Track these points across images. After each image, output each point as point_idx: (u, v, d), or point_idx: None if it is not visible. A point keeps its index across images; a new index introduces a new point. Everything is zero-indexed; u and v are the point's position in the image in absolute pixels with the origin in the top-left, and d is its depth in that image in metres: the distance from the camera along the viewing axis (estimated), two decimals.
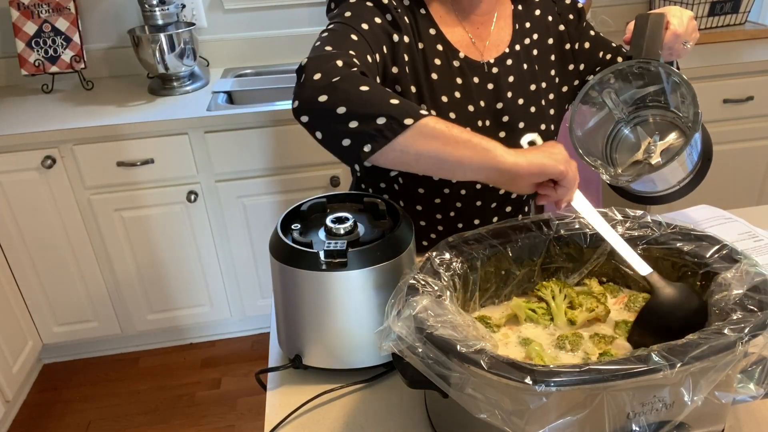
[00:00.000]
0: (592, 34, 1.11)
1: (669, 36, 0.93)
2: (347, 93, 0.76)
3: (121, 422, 2.00)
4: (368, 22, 0.92)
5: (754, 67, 2.12)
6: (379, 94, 0.77)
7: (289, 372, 0.86)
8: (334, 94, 0.76)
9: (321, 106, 0.77)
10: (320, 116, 0.78)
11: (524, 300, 0.81)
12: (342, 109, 0.76)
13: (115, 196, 1.95)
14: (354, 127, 0.76)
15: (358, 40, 0.89)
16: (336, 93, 0.76)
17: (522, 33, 1.06)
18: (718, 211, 1.14)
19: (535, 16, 1.07)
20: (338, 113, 0.76)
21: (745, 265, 0.69)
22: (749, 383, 0.60)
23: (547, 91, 1.08)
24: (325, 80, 0.77)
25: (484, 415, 0.56)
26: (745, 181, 2.34)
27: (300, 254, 0.78)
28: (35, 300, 2.07)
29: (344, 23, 0.91)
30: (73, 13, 2.15)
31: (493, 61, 1.03)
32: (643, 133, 0.95)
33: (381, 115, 0.75)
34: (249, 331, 2.36)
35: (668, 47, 0.94)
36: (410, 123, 0.74)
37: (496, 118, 1.04)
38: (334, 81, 0.77)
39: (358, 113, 0.75)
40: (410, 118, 0.75)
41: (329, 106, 0.76)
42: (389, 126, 0.75)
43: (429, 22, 1.00)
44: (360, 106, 0.76)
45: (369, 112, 0.75)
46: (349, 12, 0.93)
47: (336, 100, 0.76)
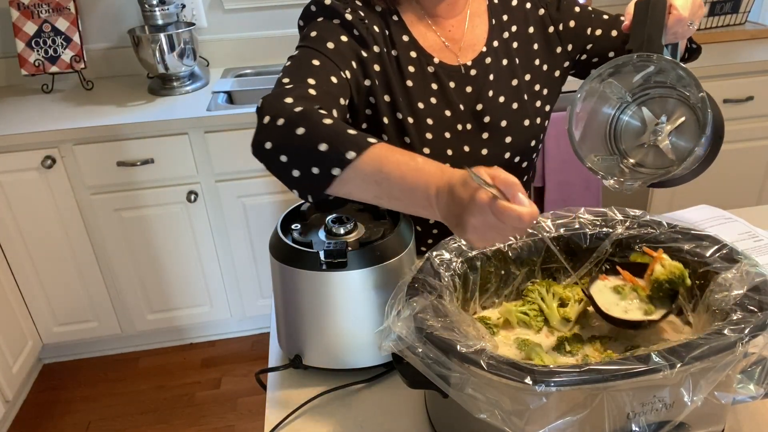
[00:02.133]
0: (577, 11, 1.07)
1: (672, 21, 0.86)
2: (287, 139, 0.77)
3: (121, 422, 2.01)
4: (334, 41, 0.92)
5: (754, 67, 2.12)
6: (313, 138, 0.75)
7: (289, 372, 0.86)
8: (276, 141, 0.77)
9: (268, 152, 0.78)
10: (270, 162, 0.79)
11: (515, 304, 0.81)
12: (284, 158, 0.77)
13: (115, 196, 1.95)
14: (297, 176, 0.76)
15: (320, 63, 0.89)
16: (278, 139, 0.77)
17: (500, 27, 1.04)
18: (718, 211, 1.14)
19: (512, 6, 1.05)
20: (282, 161, 0.77)
21: (745, 265, 0.69)
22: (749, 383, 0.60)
23: (530, 84, 1.06)
24: (271, 123, 0.78)
25: (484, 415, 0.56)
26: (745, 181, 2.34)
27: (300, 254, 0.78)
28: (35, 300, 2.07)
29: (308, 47, 0.92)
30: (73, 13, 2.15)
31: (470, 63, 1.02)
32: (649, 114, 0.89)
33: (314, 165, 0.75)
34: (249, 331, 2.36)
35: (672, 32, 0.88)
36: (337, 173, 0.73)
37: (477, 120, 1.04)
38: (277, 125, 0.77)
39: (297, 162, 0.76)
40: (337, 168, 0.73)
41: (274, 153, 0.77)
42: (323, 174, 0.74)
43: (402, 29, 0.99)
44: (297, 154, 0.76)
45: (304, 161, 0.76)
46: (315, 32, 0.93)
47: (278, 147, 0.77)
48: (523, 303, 0.81)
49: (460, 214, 0.63)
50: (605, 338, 0.75)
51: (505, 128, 1.04)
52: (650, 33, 0.84)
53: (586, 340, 0.75)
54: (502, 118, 1.04)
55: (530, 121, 1.06)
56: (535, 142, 1.08)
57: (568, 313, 0.78)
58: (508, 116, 1.04)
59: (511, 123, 1.04)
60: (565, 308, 0.78)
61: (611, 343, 0.74)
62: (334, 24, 0.94)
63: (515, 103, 1.05)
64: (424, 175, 0.69)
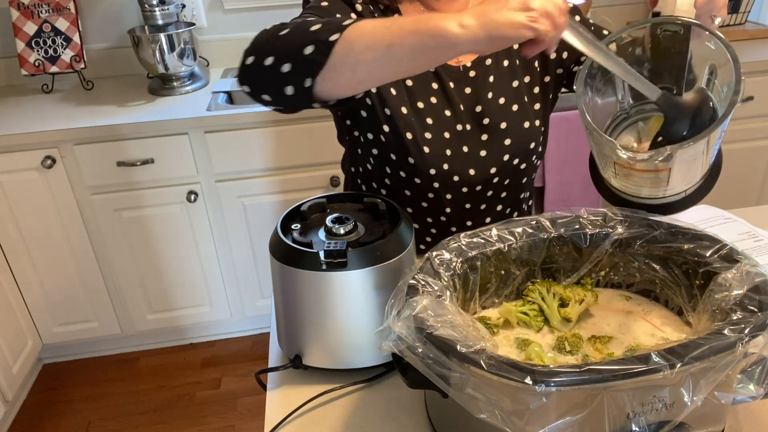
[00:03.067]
0: (577, 19, 1.05)
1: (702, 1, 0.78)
2: (271, 43, 0.75)
3: (121, 422, 2.01)
4: (342, 14, 0.93)
5: (754, 67, 2.12)
6: (302, 27, 0.73)
7: (289, 372, 0.86)
8: (259, 51, 0.75)
9: (251, 67, 0.75)
10: (256, 77, 0.76)
11: (515, 304, 0.81)
12: (269, 60, 0.74)
13: (115, 196, 1.95)
14: (287, 71, 0.73)
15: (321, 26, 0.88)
16: (260, 48, 0.75)
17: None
18: (718, 211, 1.14)
19: None
20: (267, 65, 0.74)
21: (745, 265, 0.69)
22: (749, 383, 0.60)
23: (530, 86, 1.06)
24: (252, 44, 0.76)
25: (484, 415, 0.56)
26: (745, 181, 2.34)
27: (300, 254, 0.78)
28: (35, 300, 2.07)
29: (314, 14, 0.90)
30: (73, 13, 2.15)
31: (470, 65, 1.02)
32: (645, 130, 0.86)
33: (307, 44, 0.71)
34: (249, 331, 2.37)
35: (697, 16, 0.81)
36: (336, 38, 0.69)
37: (477, 121, 1.03)
38: (256, 39, 0.76)
39: (285, 55, 0.73)
40: (335, 33, 0.70)
41: (258, 62, 0.75)
42: (318, 50, 0.70)
43: None
44: (284, 48, 0.73)
45: (295, 48, 0.72)
46: (326, 3, 0.93)
47: (261, 54, 0.75)
48: (523, 303, 0.81)
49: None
50: (605, 338, 0.75)
51: (505, 130, 1.04)
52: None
53: (586, 340, 0.75)
54: (502, 120, 1.04)
55: (530, 123, 1.06)
56: (535, 145, 1.08)
57: (568, 313, 0.78)
58: (507, 118, 1.04)
59: (511, 125, 1.04)
60: (565, 308, 0.78)
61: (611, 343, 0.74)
62: (345, 5, 0.95)
63: (515, 105, 1.05)
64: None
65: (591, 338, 0.75)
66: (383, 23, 0.70)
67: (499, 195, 1.10)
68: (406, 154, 1.01)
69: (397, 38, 0.68)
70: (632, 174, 0.79)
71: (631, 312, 0.80)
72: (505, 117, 1.04)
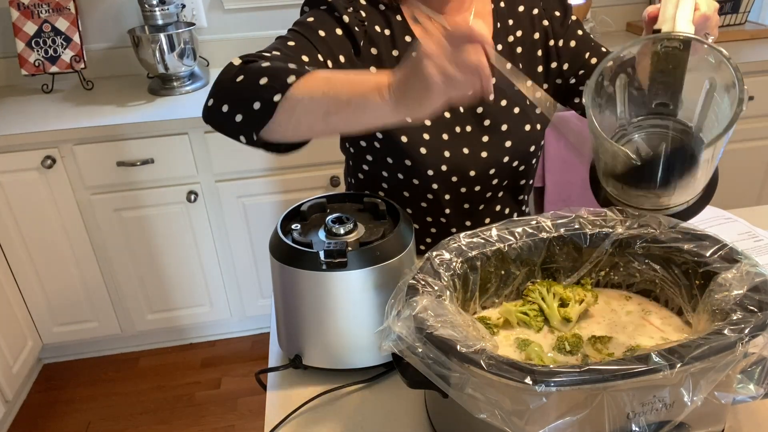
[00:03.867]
0: (580, 33, 1.08)
1: (698, 17, 0.81)
2: (226, 89, 0.79)
3: (121, 422, 2.01)
4: (326, 31, 0.93)
5: (754, 67, 2.12)
6: (252, 79, 0.76)
7: (289, 372, 0.86)
8: (217, 96, 0.79)
9: (212, 110, 0.80)
10: (216, 120, 0.80)
11: (515, 304, 0.81)
12: (225, 107, 0.78)
13: (115, 196, 1.95)
14: (239, 121, 0.77)
15: (296, 44, 0.90)
16: (218, 94, 0.79)
17: (505, 31, 1.04)
18: (718, 211, 1.14)
19: (518, 12, 1.05)
20: (224, 112, 0.78)
21: (745, 265, 0.69)
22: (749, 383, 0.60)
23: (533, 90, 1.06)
24: (215, 86, 0.80)
25: (484, 415, 0.56)
26: (745, 181, 2.34)
27: (300, 254, 0.78)
28: (35, 300, 2.07)
29: (296, 30, 0.93)
30: (73, 13, 2.15)
31: None
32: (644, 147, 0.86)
33: (254, 100, 0.75)
34: (249, 331, 2.37)
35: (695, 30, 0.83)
36: (278, 99, 0.73)
37: (478, 123, 1.03)
38: (217, 80, 0.80)
39: (237, 106, 0.77)
40: (278, 94, 0.74)
41: (216, 107, 0.79)
42: (264, 108, 0.74)
43: (404, 30, 0.99)
44: (237, 98, 0.77)
45: (244, 102, 0.76)
46: (312, 18, 0.94)
47: (219, 100, 0.79)
48: (523, 303, 0.81)
49: (416, 72, 0.63)
50: (605, 338, 0.75)
51: (506, 132, 1.04)
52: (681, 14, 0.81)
53: (586, 340, 0.75)
54: (503, 122, 1.04)
55: (531, 126, 1.06)
56: (535, 148, 1.08)
57: (568, 313, 0.78)
58: (509, 120, 1.04)
59: (512, 127, 1.04)
60: (565, 308, 0.78)
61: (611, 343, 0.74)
62: (332, 18, 0.95)
63: (517, 108, 1.05)
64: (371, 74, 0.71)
65: (591, 338, 0.75)
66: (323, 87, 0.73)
67: (497, 196, 1.10)
68: (402, 157, 1.01)
69: (333, 108, 0.72)
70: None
71: (631, 312, 0.81)
72: (507, 119, 1.04)
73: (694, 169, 0.78)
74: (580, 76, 1.07)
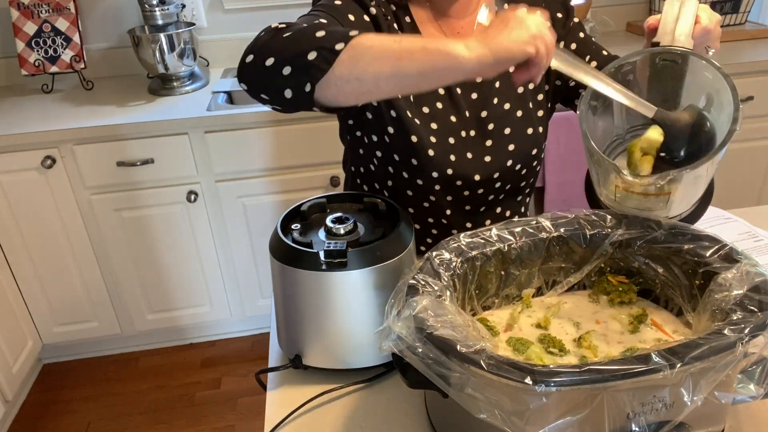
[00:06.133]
0: (581, 36, 1.08)
1: (698, 30, 0.82)
2: (272, 44, 0.75)
3: (121, 422, 2.01)
4: (356, 16, 0.92)
5: (754, 67, 2.12)
6: (305, 32, 0.73)
7: (289, 372, 0.86)
8: (260, 51, 0.75)
9: (251, 66, 0.75)
10: (255, 76, 0.76)
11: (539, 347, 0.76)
12: (270, 61, 0.74)
13: (115, 196, 1.95)
14: (288, 74, 0.73)
15: (328, 23, 0.86)
16: (262, 49, 0.75)
17: None
18: (718, 211, 1.14)
19: None
20: (267, 65, 0.74)
21: (745, 265, 0.69)
22: (749, 383, 0.60)
23: (535, 93, 1.06)
24: (253, 43, 0.77)
25: (484, 415, 0.56)
26: (745, 181, 2.34)
27: (300, 254, 0.78)
28: (35, 300, 2.07)
29: (322, 10, 0.90)
30: (73, 13, 2.15)
31: None
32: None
33: (310, 50, 0.71)
34: (249, 331, 2.37)
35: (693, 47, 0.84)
36: (341, 47, 0.70)
37: (481, 127, 1.03)
38: (258, 38, 0.76)
39: (287, 58, 0.72)
40: (341, 42, 0.70)
41: (259, 62, 0.74)
42: (322, 57, 0.70)
43: (414, 31, 0.99)
44: (286, 51, 0.73)
45: (297, 52, 0.72)
46: (340, 1, 0.93)
47: (262, 54, 0.74)
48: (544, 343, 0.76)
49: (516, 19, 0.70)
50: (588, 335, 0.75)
51: (509, 136, 1.04)
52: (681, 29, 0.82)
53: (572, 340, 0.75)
54: (506, 126, 1.04)
55: (533, 129, 1.06)
56: (537, 151, 1.08)
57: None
58: (512, 124, 1.04)
59: (515, 131, 1.04)
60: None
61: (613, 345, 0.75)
62: (359, 6, 0.94)
63: (519, 111, 1.05)
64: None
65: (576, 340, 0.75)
66: (392, 38, 0.71)
67: (499, 198, 1.10)
68: (410, 156, 1.01)
69: (407, 53, 0.69)
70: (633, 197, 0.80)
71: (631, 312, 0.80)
72: (510, 123, 1.04)
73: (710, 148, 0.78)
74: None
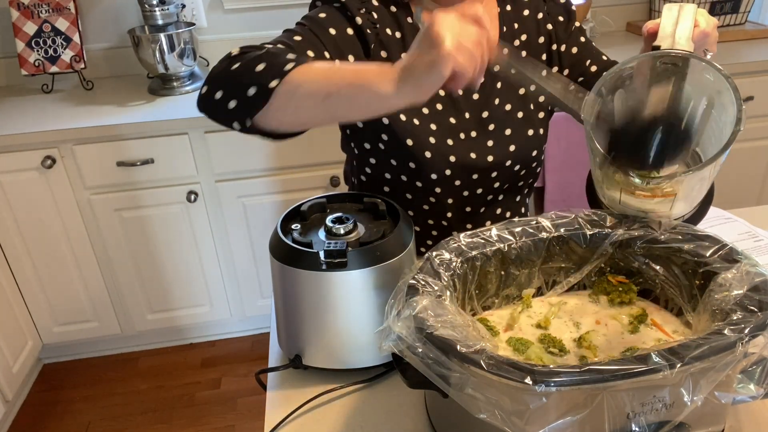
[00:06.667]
0: (582, 40, 1.08)
1: (697, 34, 0.82)
2: (222, 77, 0.77)
3: (121, 422, 2.01)
4: (337, 29, 0.92)
5: (754, 67, 2.12)
6: (249, 66, 0.75)
7: (289, 372, 0.86)
8: (212, 83, 0.78)
9: (205, 97, 0.79)
10: (209, 107, 0.79)
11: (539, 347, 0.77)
12: (219, 94, 0.77)
13: (115, 196, 1.95)
14: (233, 107, 0.76)
15: (303, 39, 0.88)
16: (213, 81, 0.78)
17: (511, 35, 1.04)
18: (718, 211, 1.14)
19: (523, 16, 1.05)
20: (217, 99, 0.77)
21: (745, 265, 0.69)
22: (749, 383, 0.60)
23: (536, 94, 1.06)
24: (211, 73, 0.79)
25: (484, 415, 0.56)
26: (745, 181, 2.34)
27: (300, 254, 0.78)
28: (35, 300, 2.07)
29: (303, 25, 0.91)
30: (73, 13, 2.15)
31: None
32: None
33: (251, 85, 0.74)
34: (249, 331, 2.37)
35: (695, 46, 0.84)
36: (275, 84, 0.72)
37: (482, 127, 1.03)
38: (213, 70, 0.79)
39: (231, 92, 0.76)
40: (276, 79, 0.72)
41: (210, 94, 0.78)
42: (259, 93, 0.73)
43: (415, 33, 0.99)
44: (231, 85, 0.76)
45: (239, 87, 0.75)
46: (324, 14, 0.93)
47: (213, 86, 0.78)
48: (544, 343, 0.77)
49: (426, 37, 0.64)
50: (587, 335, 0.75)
51: (509, 137, 1.04)
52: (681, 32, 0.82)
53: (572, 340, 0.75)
54: (507, 127, 1.04)
55: (534, 131, 1.06)
56: (537, 152, 1.08)
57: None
58: (513, 125, 1.04)
59: (516, 132, 1.04)
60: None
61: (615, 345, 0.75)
62: (344, 18, 0.94)
63: (521, 112, 1.05)
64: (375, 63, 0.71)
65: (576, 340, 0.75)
66: (326, 70, 0.73)
67: (498, 199, 1.10)
68: (407, 160, 1.01)
69: (335, 89, 0.71)
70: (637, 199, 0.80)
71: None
72: (511, 124, 1.04)
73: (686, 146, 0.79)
74: (579, 83, 1.07)
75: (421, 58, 0.65)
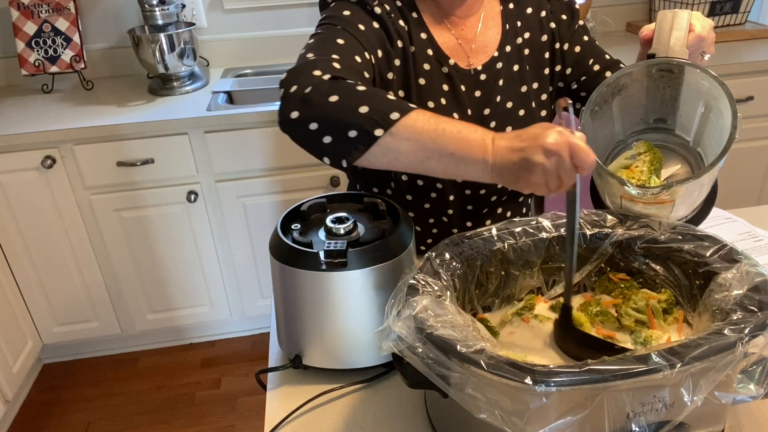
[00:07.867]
0: (585, 39, 1.08)
1: (692, 39, 0.83)
2: (318, 107, 0.75)
3: (121, 422, 2.01)
4: (365, 25, 0.92)
5: (754, 67, 2.12)
6: (349, 102, 0.74)
7: (289, 372, 0.86)
8: (305, 109, 0.76)
9: (295, 122, 0.76)
10: (299, 136, 0.78)
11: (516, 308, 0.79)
12: (314, 125, 0.75)
13: (115, 196, 1.95)
14: (328, 143, 0.75)
15: (345, 42, 0.88)
16: (307, 108, 0.76)
17: (513, 33, 1.04)
18: (718, 211, 1.14)
19: (526, 14, 1.05)
20: (311, 129, 0.75)
21: (745, 265, 0.69)
22: (749, 383, 0.60)
23: (538, 92, 1.07)
24: (299, 93, 0.76)
25: (484, 415, 0.56)
26: (745, 181, 2.34)
27: (300, 254, 0.78)
28: (35, 300, 2.07)
29: (334, 24, 0.90)
30: (73, 13, 2.15)
31: (481, 68, 1.02)
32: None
33: (352, 127, 0.73)
34: (249, 331, 2.37)
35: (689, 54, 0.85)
36: (380, 134, 0.72)
37: (483, 124, 1.03)
38: (306, 93, 0.76)
39: (329, 128, 0.74)
40: (380, 128, 0.72)
41: (302, 121, 0.76)
42: (361, 138, 0.73)
43: (420, 26, 0.99)
44: (330, 120, 0.74)
45: (340, 125, 0.74)
46: (348, 12, 0.93)
47: (308, 115, 0.76)
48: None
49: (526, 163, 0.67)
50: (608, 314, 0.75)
51: None
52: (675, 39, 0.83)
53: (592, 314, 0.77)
54: (508, 124, 1.04)
55: None
56: None
57: None
58: (513, 122, 1.04)
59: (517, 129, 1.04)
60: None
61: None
62: (365, 12, 0.94)
63: (522, 110, 1.05)
64: (480, 129, 0.72)
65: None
66: (430, 132, 0.73)
67: (500, 198, 1.10)
68: None
69: (436, 154, 0.72)
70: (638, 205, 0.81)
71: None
72: (512, 121, 1.04)
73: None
74: (582, 82, 1.07)
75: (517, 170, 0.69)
